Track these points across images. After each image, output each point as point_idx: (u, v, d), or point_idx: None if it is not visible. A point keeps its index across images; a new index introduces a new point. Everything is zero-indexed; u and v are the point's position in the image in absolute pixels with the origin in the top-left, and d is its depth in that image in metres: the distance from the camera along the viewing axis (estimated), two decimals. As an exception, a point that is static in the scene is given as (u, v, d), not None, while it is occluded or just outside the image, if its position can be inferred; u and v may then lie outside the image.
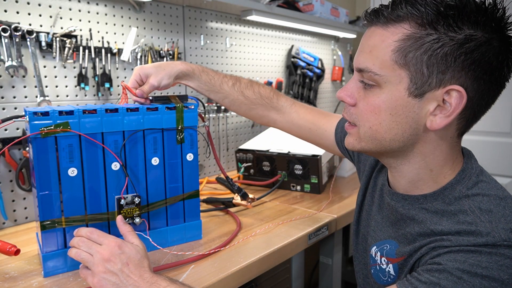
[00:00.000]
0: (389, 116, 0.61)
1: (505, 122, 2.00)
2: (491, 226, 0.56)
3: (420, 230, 0.63)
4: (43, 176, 0.75)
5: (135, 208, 0.84)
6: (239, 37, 1.71)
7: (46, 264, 0.77)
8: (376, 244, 0.72)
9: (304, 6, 1.91)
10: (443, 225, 0.60)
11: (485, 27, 0.56)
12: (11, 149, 1.05)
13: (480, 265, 0.53)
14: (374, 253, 0.72)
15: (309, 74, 2.03)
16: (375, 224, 0.75)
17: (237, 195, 1.11)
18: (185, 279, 0.76)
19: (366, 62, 0.61)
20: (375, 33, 0.61)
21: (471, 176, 0.63)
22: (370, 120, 0.63)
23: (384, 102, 0.61)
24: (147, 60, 1.34)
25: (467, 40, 0.55)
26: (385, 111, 0.61)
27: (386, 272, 0.68)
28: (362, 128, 0.65)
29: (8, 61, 1.02)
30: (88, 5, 1.19)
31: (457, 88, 0.57)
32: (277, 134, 1.57)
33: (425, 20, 0.56)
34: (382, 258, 0.69)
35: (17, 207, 1.08)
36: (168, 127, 0.88)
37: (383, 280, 0.69)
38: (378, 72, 0.60)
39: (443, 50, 0.56)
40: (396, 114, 0.61)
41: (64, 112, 0.76)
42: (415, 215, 0.65)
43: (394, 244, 0.68)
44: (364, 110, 0.63)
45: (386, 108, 0.61)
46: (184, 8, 1.47)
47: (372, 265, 0.72)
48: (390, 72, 0.59)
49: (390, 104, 0.60)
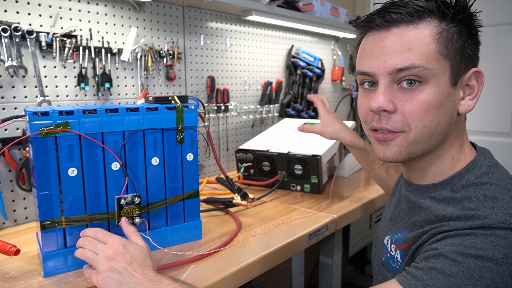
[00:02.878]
0: (439, 109, 0.62)
1: (505, 122, 2.00)
2: (491, 211, 0.57)
3: (426, 217, 0.64)
4: (43, 176, 0.75)
5: (135, 208, 0.84)
6: (239, 37, 1.71)
7: (46, 264, 0.77)
8: (391, 234, 0.74)
9: (304, 6, 1.91)
10: (447, 211, 0.61)
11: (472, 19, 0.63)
12: (11, 149, 1.05)
13: (474, 247, 0.54)
14: (387, 241, 0.73)
15: (309, 74, 2.03)
16: (393, 217, 0.77)
17: (237, 195, 1.11)
18: (185, 279, 0.76)
19: (409, 59, 0.60)
20: (403, 32, 0.61)
21: (481, 167, 0.64)
22: (425, 119, 0.61)
23: (435, 96, 0.61)
24: (147, 60, 1.34)
25: (474, 29, 0.63)
26: (436, 106, 0.61)
27: (395, 258, 0.69)
28: (414, 131, 0.62)
29: (8, 61, 1.02)
30: (88, 5, 1.19)
31: (477, 69, 0.63)
32: (277, 134, 1.57)
33: (444, 14, 0.60)
34: (392, 245, 0.70)
35: (17, 207, 1.08)
36: (168, 127, 0.88)
37: (393, 267, 0.69)
38: (428, 66, 0.60)
39: (464, 39, 0.61)
40: (443, 106, 0.62)
41: (64, 112, 0.76)
42: (422, 203, 0.66)
43: (404, 232, 0.70)
44: (415, 111, 0.61)
45: (437, 102, 0.61)
46: (184, 8, 1.47)
47: (384, 253, 0.73)
48: (437, 64, 0.60)
49: (439, 97, 0.61)
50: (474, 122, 2.09)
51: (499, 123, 2.02)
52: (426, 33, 0.60)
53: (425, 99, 0.61)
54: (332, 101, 2.37)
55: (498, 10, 1.98)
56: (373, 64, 0.63)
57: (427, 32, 0.60)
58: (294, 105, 1.98)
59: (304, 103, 2.05)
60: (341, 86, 2.42)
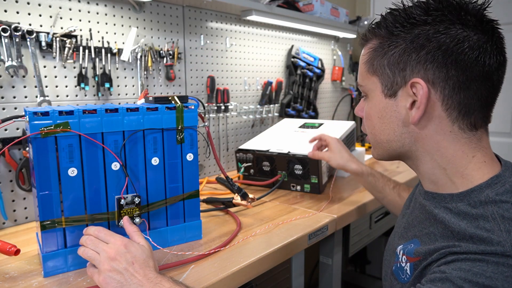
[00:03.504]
0: (378, 119, 0.70)
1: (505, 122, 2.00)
2: (507, 236, 0.54)
3: (441, 231, 0.62)
4: (43, 176, 0.75)
5: (135, 208, 0.84)
6: (239, 37, 1.71)
7: (46, 264, 0.77)
8: (404, 244, 0.71)
9: (304, 6, 1.91)
10: (460, 227, 0.59)
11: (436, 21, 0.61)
12: (11, 149, 1.05)
13: (484, 274, 0.52)
14: (399, 250, 0.71)
15: (309, 74, 2.03)
16: (407, 224, 0.75)
17: (237, 195, 1.11)
18: (185, 279, 0.76)
19: (358, 78, 0.73)
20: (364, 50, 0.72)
21: (504, 183, 0.60)
22: (369, 126, 0.73)
23: (371, 108, 0.71)
24: (147, 60, 1.34)
25: (416, 37, 0.61)
26: (374, 116, 0.70)
27: (405, 270, 0.67)
28: (368, 136, 0.74)
29: (8, 61, 1.02)
30: (88, 5, 1.19)
31: (417, 80, 0.62)
32: (277, 134, 1.57)
33: (385, 32, 0.65)
34: (404, 256, 0.68)
35: (17, 207, 1.08)
36: (168, 127, 0.88)
37: (402, 278, 0.68)
38: (362, 84, 0.72)
39: (397, 51, 0.63)
40: (382, 116, 0.69)
41: (64, 112, 0.76)
42: (437, 214, 0.64)
43: (417, 243, 0.67)
44: (364, 119, 0.74)
45: (374, 113, 0.70)
46: (184, 8, 1.47)
47: (395, 262, 0.71)
48: (367, 81, 0.70)
49: (375, 108, 0.70)
50: (474, 122, 2.08)
51: (499, 123, 2.02)
52: (364, 53, 0.70)
53: (367, 110, 0.73)
54: (332, 101, 2.37)
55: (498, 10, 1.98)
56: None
57: (364, 53, 0.70)
58: (294, 105, 1.98)
59: (304, 103, 2.05)
60: (341, 86, 2.42)
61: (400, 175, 1.59)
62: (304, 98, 2.05)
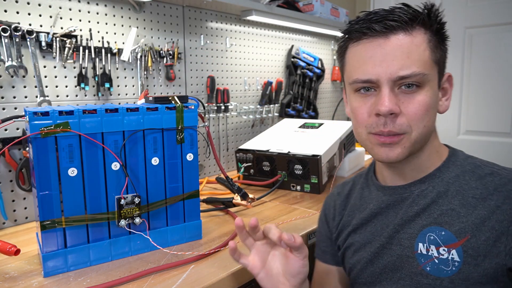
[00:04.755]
0: (433, 110, 0.67)
1: (505, 122, 2.00)
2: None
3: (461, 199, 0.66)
4: (43, 176, 0.75)
5: (135, 208, 0.84)
6: (239, 37, 1.71)
7: (46, 264, 0.77)
8: (419, 240, 0.67)
9: (304, 6, 1.91)
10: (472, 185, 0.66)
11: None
12: (11, 149, 1.05)
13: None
14: (421, 249, 0.67)
15: (309, 74, 2.03)
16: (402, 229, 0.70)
17: (237, 195, 1.11)
18: (185, 279, 0.76)
19: (409, 67, 0.63)
20: (402, 38, 0.64)
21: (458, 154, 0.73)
22: (425, 119, 0.65)
23: (431, 98, 0.66)
24: (147, 60, 1.34)
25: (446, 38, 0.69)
26: (432, 107, 0.66)
27: (449, 260, 0.63)
28: (416, 131, 0.65)
29: (8, 61, 1.02)
30: (88, 5, 1.19)
31: (449, 73, 0.70)
32: (277, 134, 1.57)
33: (426, 23, 0.65)
34: (440, 249, 0.65)
35: (17, 207, 1.08)
36: (168, 127, 0.88)
37: (446, 272, 0.63)
38: (426, 72, 0.64)
39: (442, 47, 0.68)
40: (435, 107, 0.68)
41: (64, 112, 0.76)
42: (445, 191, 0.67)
43: (438, 229, 0.65)
44: (416, 112, 0.64)
45: (432, 103, 0.66)
46: (184, 8, 1.47)
47: (426, 262, 0.66)
48: (431, 70, 0.65)
49: (434, 99, 0.67)
50: (474, 122, 2.09)
51: (499, 123, 2.02)
52: (420, 40, 0.64)
53: (424, 101, 0.64)
54: (332, 101, 2.37)
55: (498, 10, 1.98)
56: (376, 71, 0.64)
57: (420, 39, 0.64)
58: (294, 105, 1.98)
59: (304, 103, 2.05)
60: (341, 86, 2.42)
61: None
62: (304, 98, 2.05)
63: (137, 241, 0.86)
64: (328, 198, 0.88)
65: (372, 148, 0.69)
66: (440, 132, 0.75)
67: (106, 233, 0.83)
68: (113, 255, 0.84)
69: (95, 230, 0.82)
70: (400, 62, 0.63)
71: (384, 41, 0.64)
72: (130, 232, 0.86)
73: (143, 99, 0.95)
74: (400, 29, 0.64)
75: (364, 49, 0.66)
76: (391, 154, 0.66)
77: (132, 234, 0.86)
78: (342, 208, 0.82)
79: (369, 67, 0.65)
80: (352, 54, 0.69)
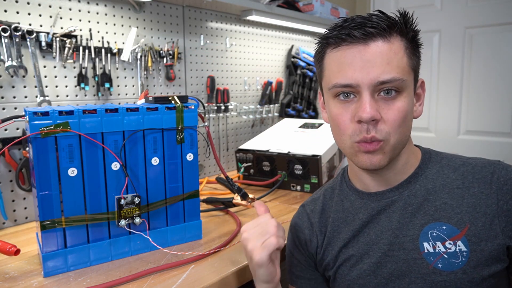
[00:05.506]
0: (410, 115, 0.68)
1: (505, 122, 2.00)
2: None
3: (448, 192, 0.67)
4: (43, 176, 0.75)
5: (135, 208, 0.84)
6: (239, 37, 1.71)
7: (46, 264, 0.77)
8: (422, 240, 0.67)
9: (304, 6, 1.91)
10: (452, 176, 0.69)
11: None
12: (11, 149, 1.05)
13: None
14: (427, 247, 0.66)
15: (309, 74, 2.03)
16: (398, 232, 0.69)
17: (237, 195, 1.11)
18: (185, 279, 0.76)
19: (389, 73, 0.64)
20: (381, 45, 0.65)
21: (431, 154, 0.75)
22: (402, 126, 0.66)
23: (408, 104, 0.66)
24: (147, 60, 1.34)
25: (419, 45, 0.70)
26: (409, 113, 0.67)
27: (457, 252, 0.64)
28: (393, 138, 0.65)
29: (8, 61, 1.02)
30: (88, 5, 1.19)
31: (422, 79, 0.72)
32: (277, 134, 1.57)
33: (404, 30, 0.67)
34: (445, 244, 0.65)
35: (17, 207, 1.08)
36: (168, 127, 0.88)
37: (457, 264, 0.63)
38: (404, 78, 0.65)
39: (416, 51, 0.68)
40: (411, 112, 0.68)
41: (64, 112, 0.76)
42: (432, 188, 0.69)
43: (437, 224, 0.66)
44: (395, 119, 0.65)
45: (410, 109, 0.67)
46: (184, 8, 1.47)
47: (436, 259, 0.65)
48: (409, 76, 0.66)
49: (411, 105, 0.68)
50: (474, 122, 2.09)
51: (499, 123, 2.02)
52: (398, 47, 0.65)
53: (403, 107, 0.65)
54: (332, 101, 2.37)
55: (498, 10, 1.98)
56: (356, 76, 0.64)
57: (398, 46, 0.66)
58: (294, 105, 1.98)
59: (304, 103, 2.05)
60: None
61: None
62: (304, 98, 2.05)
63: (137, 241, 0.86)
64: (297, 220, 0.82)
65: (356, 155, 0.68)
66: (440, 132, 0.75)
67: (106, 233, 0.83)
68: (113, 255, 0.84)
69: (95, 230, 0.82)
70: (381, 68, 0.64)
71: (364, 47, 0.64)
72: (130, 232, 0.86)
73: (143, 99, 0.95)
74: (379, 36, 0.65)
75: (344, 55, 0.66)
76: (374, 160, 0.66)
77: (132, 234, 0.86)
78: (322, 225, 0.78)
79: (349, 73, 0.65)
80: (330, 59, 0.68)
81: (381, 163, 0.66)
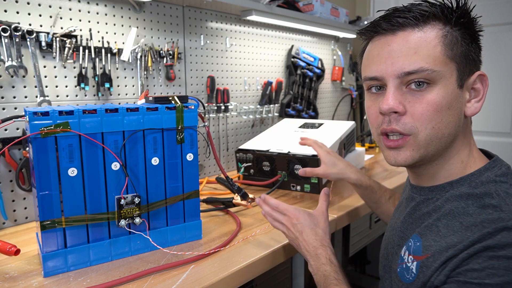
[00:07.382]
0: (447, 110, 0.62)
1: (505, 122, 2.00)
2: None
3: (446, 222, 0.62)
4: (43, 176, 0.75)
5: (135, 208, 0.84)
6: (239, 37, 1.71)
7: (46, 264, 0.77)
8: (407, 245, 0.69)
9: (304, 6, 1.91)
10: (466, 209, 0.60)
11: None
12: (11, 149, 1.05)
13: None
14: (404, 252, 0.69)
15: (309, 74, 2.03)
16: (404, 224, 0.73)
17: (237, 195, 1.11)
18: (185, 279, 0.76)
19: (416, 63, 0.61)
20: (409, 35, 0.62)
21: (501, 167, 0.65)
22: (433, 120, 0.62)
23: (444, 97, 0.62)
24: (147, 60, 1.34)
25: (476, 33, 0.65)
26: (444, 106, 0.62)
27: (410, 270, 0.65)
28: (423, 133, 0.62)
29: (8, 61, 1.02)
30: (88, 5, 1.19)
31: (481, 72, 0.64)
32: (277, 134, 1.57)
33: (448, 18, 0.62)
34: (410, 256, 0.66)
35: (17, 207, 1.08)
36: (168, 127, 0.88)
37: (407, 278, 0.66)
38: (435, 69, 0.61)
39: (467, 42, 0.63)
40: (451, 107, 0.62)
41: (64, 112, 0.76)
42: (440, 205, 0.65)
43: (416, 238, 0.66)
44: (425, 112, 0.62)
45: (445, 103, 0.62)
46: (184, 8, 1.47)
47: (400, 264, 0.69)
48: (444, 67, 0.61)
49: (448, 98, 0.62)
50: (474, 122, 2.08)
51: (499, 123, 2.02)
52: (432, 36, 0.61)
53: (434, 100, 0.61)
54: (332, 101, 2.37)
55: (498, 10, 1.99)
56: (381, 68, 0.64)
57: (433, 35, 0.61)
58: (294, 105, 1.98)
59: (304, 103, 2.05)
60: (341, 86, 2.42)
61: (400, 175, 1.59)
62: (304, 98, 2.05)
63: (137, 241, 0.87)
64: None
65: (383, 151, 0.69)
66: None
67: (106, 233, 0.83)
68: (113, 255, 0.84)
69: (95, 230, 0.82)
70: (407, 58, 0.61)
71: (391, 38, 0.63)
72: (130, 232, 0.86)
73: (143, 99, 0.95)
74: (409, 25, 0.62)
75: (373, 47, 0.66)
76: (399, 158, 0.65)
77: (132, 234, 0.86)
78: None
79: (375, 65, 0.64)
80: (365, 53, 0.70)
81: (407, 161, 0.65)
